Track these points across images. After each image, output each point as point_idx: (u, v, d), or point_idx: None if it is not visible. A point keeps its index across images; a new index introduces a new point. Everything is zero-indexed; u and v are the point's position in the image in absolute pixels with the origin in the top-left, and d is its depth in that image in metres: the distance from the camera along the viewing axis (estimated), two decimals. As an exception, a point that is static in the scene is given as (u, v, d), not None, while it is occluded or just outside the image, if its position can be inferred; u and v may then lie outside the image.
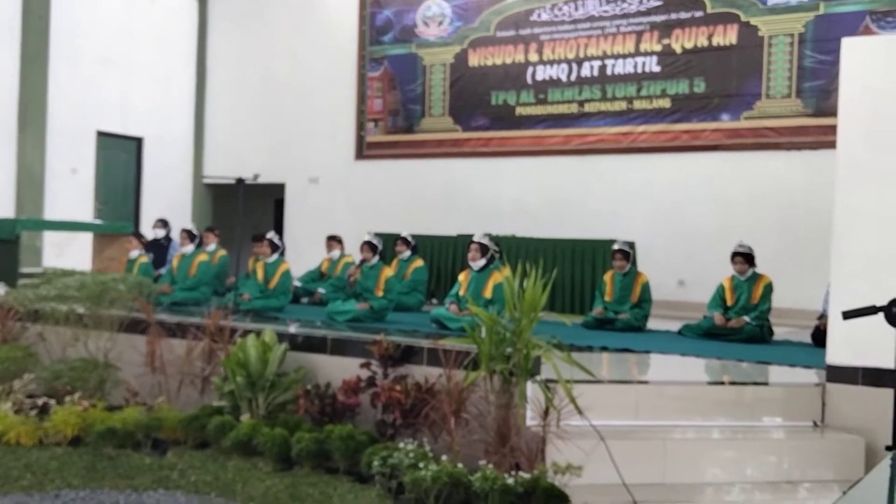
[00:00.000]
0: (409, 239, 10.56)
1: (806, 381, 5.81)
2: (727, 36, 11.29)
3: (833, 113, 6.72)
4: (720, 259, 8.84)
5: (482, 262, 8.21)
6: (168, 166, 15.06)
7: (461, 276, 8.47)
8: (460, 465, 4.74)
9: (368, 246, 8.84)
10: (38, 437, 5.85)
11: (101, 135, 13.95)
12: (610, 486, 4.71)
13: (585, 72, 12.32)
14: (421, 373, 5.67)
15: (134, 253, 9.85)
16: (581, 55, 12.35)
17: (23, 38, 12.65)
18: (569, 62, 12.45)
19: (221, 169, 14.06)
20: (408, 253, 10.44)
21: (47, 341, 6.98)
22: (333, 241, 10.98)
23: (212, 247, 10.64)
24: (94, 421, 5.87)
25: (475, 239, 8.40)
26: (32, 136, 12.71)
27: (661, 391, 5.60)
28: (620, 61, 12.05)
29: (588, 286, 10.08)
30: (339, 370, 5.99)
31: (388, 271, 8.88)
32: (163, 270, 10.67)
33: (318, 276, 10.87)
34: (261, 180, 9.60)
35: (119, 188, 14.43)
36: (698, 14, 11.47)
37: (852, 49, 5.69)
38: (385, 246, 9.68)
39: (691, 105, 11.52)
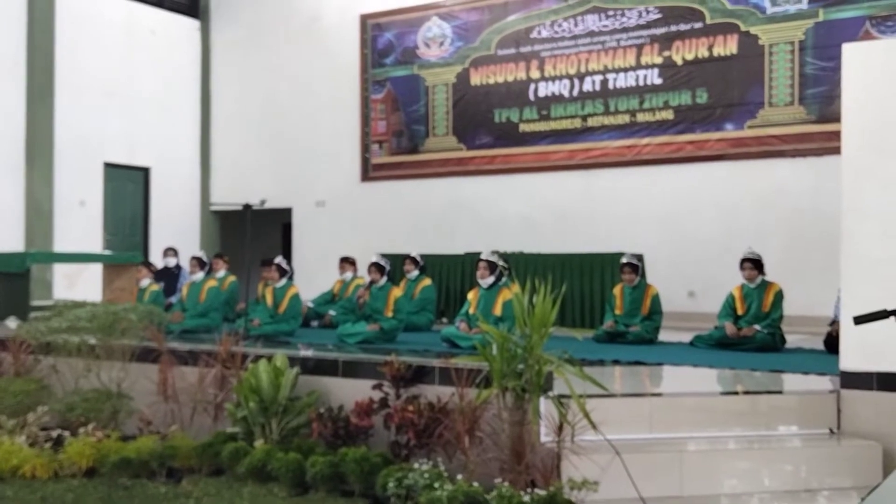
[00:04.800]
0: (418, 258, 10.57)
1: (820, 389, 5.78)
2: (728, 46, 11.33)
3: (836, 119, 6.73)
4: (729, 268, 8.84)
5: (491, 279, 8.21)
6: (175, 195, 15.15)
7: (470, 295, 8.47)
8: (476, 484, 4.72)
9: (376, 267, 8.86)
10: (53, 470, 5.85)
11: (108, 166, 14.06)
12: (627, 501, 4.69)
13: (587, 86, 12.36)
14: (433, 392, 5.65)
15: (145, 282, 9.90)
16: (582, 70, 12.40)
17: (28, 73, 12.81)
18: (570, 77, 12.50)
19: (228, 195, 14.13)
20: (416, 272, 10.45)
21: (60, 373, 6.99)
22: (346, 262, 10.97)
23: (221, 273, 10.66)
24: (108, 451, 5.86)
25: (483, 256, 8.40)
26: (40, 170, 12.83)
27: (675, 403, 5.57)
28: (622, 75, 12.09)
29: (598, 300, 10.07)
30: (351, 392, 5.98)
31: (397, 292, 8.89)
32: (173, 299, 10.69)
33: (330, 298, 10.85)
34: (268, 205, 9.64)
35: (127, 218, 14.51)
36: (698, 25, 11.52)
37: (853, 55, 5.70)
38: (393, 266, 9.68)
39: (694, 116, 11.55)
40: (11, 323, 8.67)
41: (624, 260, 9.15)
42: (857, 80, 5.61)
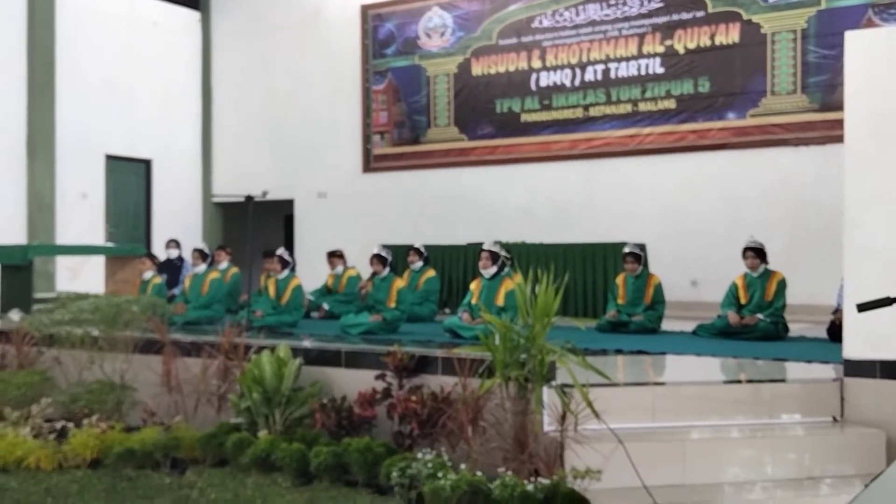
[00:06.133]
0: (422, 250, 10.57)
1: (823, 377, 5.78)
2: (730, 34, 11.29)
3: (839, 107, 6.72)
4: (732, 257, 8.82)
5: (493, 269, 8.20)
6: (177, 187, 15.15)
7: (473, 285, 8.47)
8: (479, 474, 4.73)
9: (378, 259, 8.85)
10: (58, 461, 5.87)
11: (110, 158, 14.05)
12: (630, 490, 4.69)
13: (589, 76, 12.33)
14: (436, 382, 5.67)
15: (147, 274, 9.89)
16: (584, 60, 12.37)
17: (29, 66, 12.79)
18: (572, 67, 12.47)
19: (230, 187, 14.12)
20: (420, 263, 10.45)
21: (63, 365, 7.01)
22: (334, 256, 10.93)
23: (223, 265, 10.66)
24: (112, 443, 5.88)
25: (485, 247, 8.39)
26: (42, 163, 12.82)
27: (678, 392, 5.57)
28: (624, 64, 12.06)
29: (600, 290, 10.06)
30: (354, 383, 5.99)
31: (400, 283, 8.88)
32: (176, 290, 10.70)
33: (325, 291, 10.85)
34: (269, 197, 9.64)
35: (129, 210, 14.52)
36: (700, 14, 11.48)
37: (856, 42, 5.68)
38: (396, 257, 9.68)
39: (697, 105, 11.52)
40: (15, 315, 8.68)
41: (626, 249, 9.14)
42: (859, 67, 5.59)
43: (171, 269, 11.64)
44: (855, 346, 5.50)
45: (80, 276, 12.16)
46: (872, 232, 5.47)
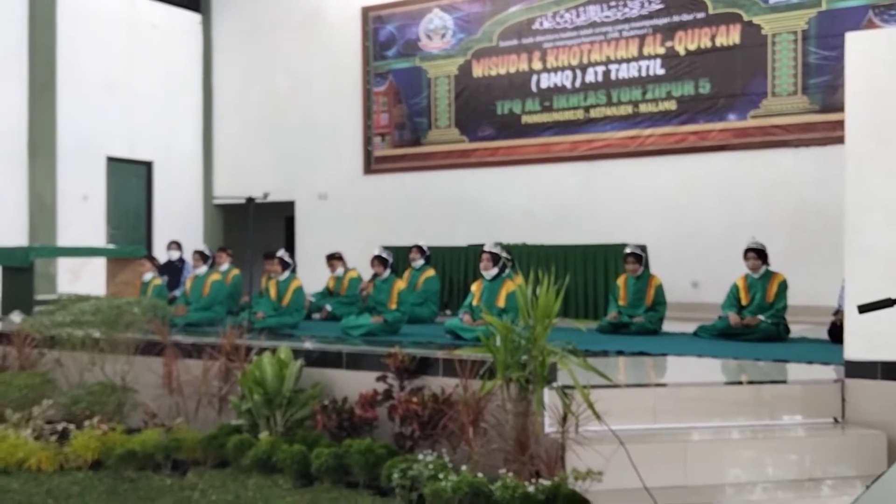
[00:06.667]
0: (424, 248, 10.58)
1: (824, 378, 5.78)
2: (730, 36, 11.29)
3: (840, 108, 6.72)
4: (733, 259, 8.82)
5: (494, 271, 8.21)
6: (178, 188, 15.16)
7: (474, 286, 8.47)
8: (480, 475, 4.73)
9: (379, 260, 8.85)
10: (59, 463, 5.87)
11: (111, 160, 14.07)
12: (631, 491, 4.69)
13: (590, 77, 12.34)
14: (437, 384, 5.66)
15: (147, 276, 9.89)
16: (585, 61, 12.37)
17: (30, 68, 12.81)
18: (573, 69, 12.47)
19: (231, 189, 14.13)
20: (420, 261, 10.46)
21: (65, 367, 7.01)
22: (334, 259, 10.93)
23: (224, 266, 10.66)
24: (113, 444, 5.88)
25: (486, 248, 8.40)
26: (43, 165, 12.83)
27: (679, 393, 5.57)
28: (624, 65, 12.06)
29: (601, 291, 10.06)
30: (355, 384, 5.99)
31: (401, 284, 8.89)
32: (177, 292, 10.70)
33: (326, 294, 10.86)
34: (270, 198, 9.64)
35: (131, 212, 14.53)
36: (700, 15, 11.48)
37: (856, 43, 5.68)
38: (397, 259, 9.68)
39: (697, 106, 11.52)
40: (16, 317, 8.69)
41: (628, 250, 9.13)
42: (860, 69, 5.59)
43: (172, 270, 11.64)
44: (856, 347, 5.50)
45: (81, 278, 12.17)
46: (873, 233, 5.47)
